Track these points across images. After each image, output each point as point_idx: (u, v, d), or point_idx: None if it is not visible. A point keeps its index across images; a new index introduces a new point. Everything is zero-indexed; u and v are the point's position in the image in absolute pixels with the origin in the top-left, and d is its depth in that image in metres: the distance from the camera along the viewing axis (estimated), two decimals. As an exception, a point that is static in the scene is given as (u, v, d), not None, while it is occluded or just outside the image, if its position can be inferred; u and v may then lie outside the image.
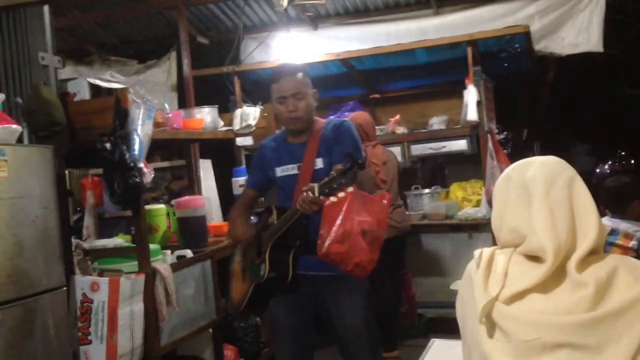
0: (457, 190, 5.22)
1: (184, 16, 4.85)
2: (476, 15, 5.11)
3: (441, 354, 2.02)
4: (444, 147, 4.98)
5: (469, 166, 5.27)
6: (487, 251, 1.35)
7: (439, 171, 6.14)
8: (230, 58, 5.23)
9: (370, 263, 2.31)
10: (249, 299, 2.60)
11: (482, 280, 1.29)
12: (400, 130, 5.19)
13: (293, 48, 5.45)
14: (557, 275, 1.24)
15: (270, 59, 5.34)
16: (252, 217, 2.89)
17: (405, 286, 4.74)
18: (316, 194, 2.19)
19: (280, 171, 2.63)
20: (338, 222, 2.20)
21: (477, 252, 1.36)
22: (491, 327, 1.25)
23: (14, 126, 2.68)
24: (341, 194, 2.15)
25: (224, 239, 3.79)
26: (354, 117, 4.44)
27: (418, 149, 5.07)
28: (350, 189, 2.16)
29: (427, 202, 5.20)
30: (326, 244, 2.22)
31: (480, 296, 1.27)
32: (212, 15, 5.57)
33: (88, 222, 3.56)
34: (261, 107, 4.08)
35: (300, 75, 2.58)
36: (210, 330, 3.63)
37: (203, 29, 5.74)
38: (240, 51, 5.52)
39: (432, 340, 2.14)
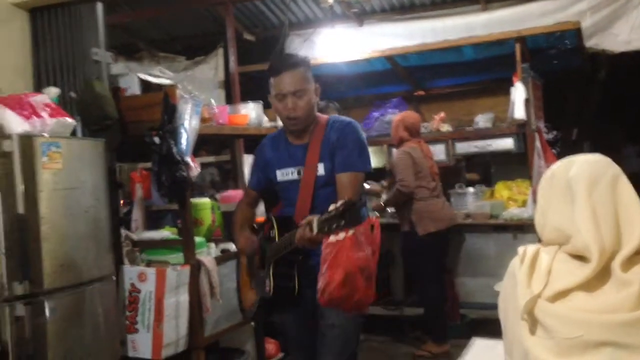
0: (502, 190, 5.12)
1: (231, 13, 4.92)
2: (525, 11, 5.02)
3: (482, 352, 2.01)
4: (490, 145, 4.90)
5: (516, 165, 5.16)
6: (531, 248, 1.34)
7: (486, 169, 6.05)
8: (276, 54, 5.27)
9: (367, 298, 2.19)
10: (258, 306, 2.50)
11: (525, 277, 1.28)
12: (445, 127, 5.13)
13: (338, 44, 5.46)
14: (602, 274, 1.22)
15: (314, 56, 5.36)
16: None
17: (448, 285, 4.70)
18: (314, 229, 2.00)
19: (280, 175, 2.46)
20: (339, 265, 2.08)
21: (521, 249, 1.35)
22: (533, 324, 1.25)
23: (69, 120, 2.78)
24: (341, 235, 2.02)
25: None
26: (405, 116, 4.48)
27: (463, 147, 4.99)
28: (351, 231, 2.03)
29: (471, 201, 5.13)
30: (327, 291, 2.10)
31: (523, 293, 1.26)
32: (258, 12, 5.64)
33: (136, 215, 3.65)
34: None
35: (301, 68, 2.35)
36: (252, 323, 3.68)
37: (249, 26, 5.81)
38: (285, 47, 5.56)
39: (473, 338, 2.13)
